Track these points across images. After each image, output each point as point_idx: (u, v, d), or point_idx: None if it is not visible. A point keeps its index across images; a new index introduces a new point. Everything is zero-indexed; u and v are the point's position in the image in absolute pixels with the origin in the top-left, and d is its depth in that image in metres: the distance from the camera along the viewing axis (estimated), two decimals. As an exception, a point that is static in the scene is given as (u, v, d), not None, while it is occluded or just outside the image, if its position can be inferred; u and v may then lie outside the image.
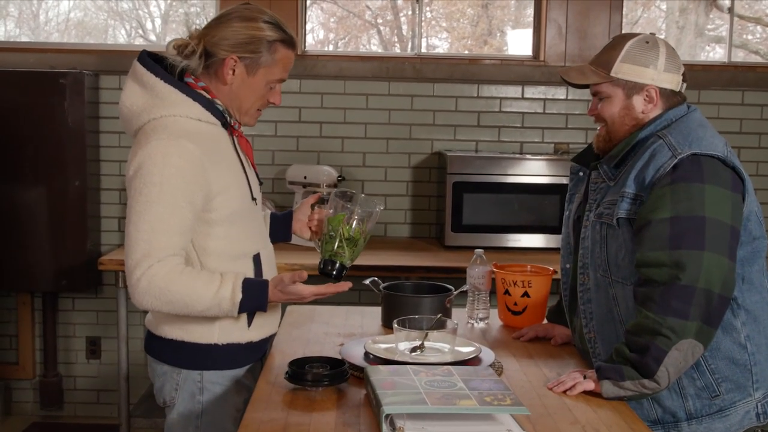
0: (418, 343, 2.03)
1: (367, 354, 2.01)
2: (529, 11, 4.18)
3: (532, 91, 4.02)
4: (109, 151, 3.95)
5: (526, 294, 2.42)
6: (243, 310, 1.97)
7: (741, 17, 4.47)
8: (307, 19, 4.09)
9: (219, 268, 1.98)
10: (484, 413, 1.64)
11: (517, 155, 3.80)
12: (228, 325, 2.03)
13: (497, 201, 3.69)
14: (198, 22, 2.05)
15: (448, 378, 1.76)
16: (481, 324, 2.47)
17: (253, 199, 2.08)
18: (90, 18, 4.49)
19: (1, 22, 4.34)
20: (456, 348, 2.03)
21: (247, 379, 2.09)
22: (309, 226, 2.27)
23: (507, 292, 2.45)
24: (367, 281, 2.44)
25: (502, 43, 4.50)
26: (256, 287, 1.97)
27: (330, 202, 2.08)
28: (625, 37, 2.06)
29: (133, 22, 4.47)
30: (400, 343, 2.04)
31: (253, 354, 2.11)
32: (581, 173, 2.22)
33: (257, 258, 2.07)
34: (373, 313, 2.52)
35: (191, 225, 1.93)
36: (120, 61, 3.84)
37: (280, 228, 2.30)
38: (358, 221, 2.04)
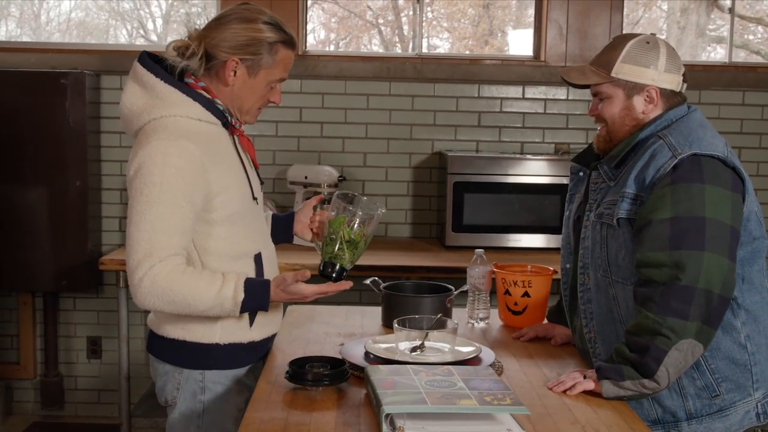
0: (418, 342, 2.03)
1: (367, 354, 2.01)
2: (530, 11, 4.18)
3: (532, 92, 4.03)
4: (110, 151, 3.96)
5: (526, 294, 2.42)
6: (245, 310, 1.97)
7: (742, 17, 4.46)
8: (308, 19, 4.09)
9: (220, 267, 1.98)
10: (484, 413, 1.64)
11: (518, 155, 3.80)
12: (230, 325, 2.03)
13: (498, 201, 3.69)
14: (199, 23, 2.04)
15: (448, 378, 1.76)
16: (482, 324, 2.47)
17: (254, 198, 2.08)
18: (91, 18, 4.49)
19: (2, 22, 4.35)
20: (456, 348, 2.03)
21: (249, 378, 2.10)
22: (310, 228, 2.27)
23: (507, 292, 2.45)
24: (367, 281, 2.44)
25: (503, 43, 4.50)
26: (258, 287, 1.97)
27: (332, 203, 2.07)
28: (626, 38, 2.06)
29: (134, 22, 4.47)
30: (401, 343, 2.04)
31: (255, 354, 2.11)
32: (581, 173, 2.22)
33: (258, 258, 2.08)
34: (374, 313, 2.52)
35: (192, 225, 1.94)
36: (121, 62, 3.84)
37: (282, 229, 2.30)
38: (359, 224, 2.03)
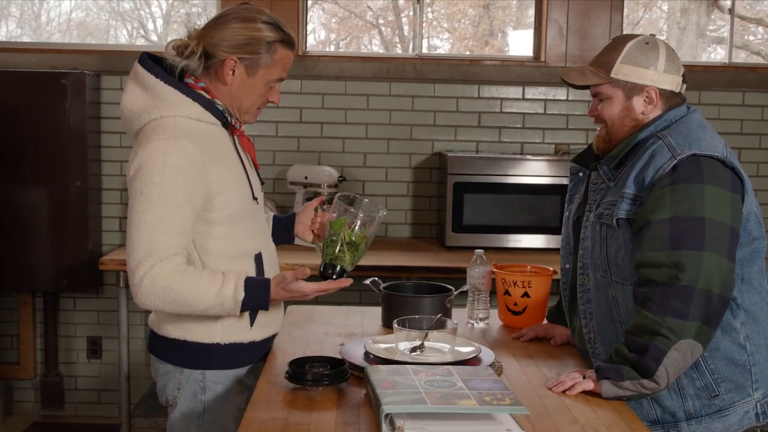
0: (418, 343, 2.03)
1: (367, 354, 2.01)
2: (531, 12, 4.18)
3: (532, 92, 4.03)
4: (111, 151, 3.96)
5: (526, 294, 2.43)
6: (245, 309, 1.97)
7: (742, 18, 4.47)
8: (308, 19, 4.10)
9: (220, 267, 1.99)
10: (483, 413, 1.64)
11: (518, 156, 3.81)
12: (230, 325, 2.04)
13: (498, 201, 3.69)
14: (199, 23, 2.04)
15: (448, 378, 1.76)
16: (481, 324, 2.48)
17: (254, 198, 2.08)
18: (91, 18, 4.49)
19: (2, 22, 4.35)
20: (456, 348, 2.03)
21: (249, 378, 2.10)
22: (311, 229, 2.27)
23: (507, 293, 2.45)
24: (367, 281, 2.44)
25: (504, 43, 4.50)
26: (258, 286, 1.98)
27: (333, 205, 2.07)
28: (626, 38, 2.06)
29: (134, 22, 4.47)
30: (400, 343, 2.04)
31: (256, 354, 2.11)
32: (581, 174, 2.22)
33: (259, 258, 2.08)
34: (374, 313, 2.52)
35: (192, 225, 1.94)
36: (121, 62, 3.84)
37: (283, 230, 2.30)
38: (360, 226, 2.03)
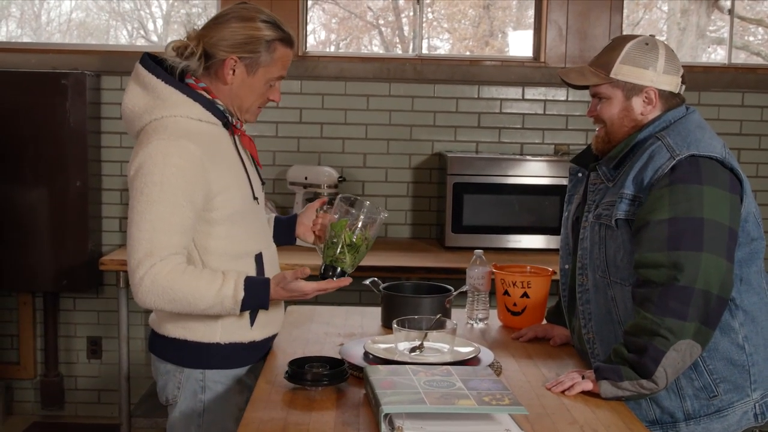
0: (417, 343, 2.03)
1: (366, 354, 2.01)
2: (530, 12, 4.19)
3: (532, 93, 4.03)
4: (111, 151, 3.96)
5: (525, 295, 2.43)
6: (245, 308, 1.98)
7: (742, 19, 4.47)
8: (308, 19, 4.10)
9: (220, 267, 1.99)
10: (482, 413, 1.64)
11: (518, 156, 3.81)
12: (230, 325, 2.04)
13: (497, 202, 3.70)
14: (199, 23, 2.05)
15: (447, 378, 1.76)
16: (481, 324, 2.48)
17: (254, 198, 2.09)
18: (92, 19, 4.50)
19: (3, 22, 4.35)
20: (455, 348, 2.04)
21: (249, 378, 2.10)
22: (312, 231, 2.27)
23: (506, 293, 2.45)
24: (367, 281, 2.45)
25: (504, 44, 4.50)
26: (258, 285, 1.98)
27: (334, 207, 2.08)
28: (625, 39, 2.07)
29: (134, 22, 4.47)
30: (400, 343, 2.04)
31: (256, 353, 2.12)
32: (580, 174, 2.22)
33: (259, 258, 2.08)
34: (373, 314, 2.53)
35: (192, 224, 1.94)
36: (122, 62, 3.84)
37: (284, 231, 2.30)
38: (361, 228, 2.03)
